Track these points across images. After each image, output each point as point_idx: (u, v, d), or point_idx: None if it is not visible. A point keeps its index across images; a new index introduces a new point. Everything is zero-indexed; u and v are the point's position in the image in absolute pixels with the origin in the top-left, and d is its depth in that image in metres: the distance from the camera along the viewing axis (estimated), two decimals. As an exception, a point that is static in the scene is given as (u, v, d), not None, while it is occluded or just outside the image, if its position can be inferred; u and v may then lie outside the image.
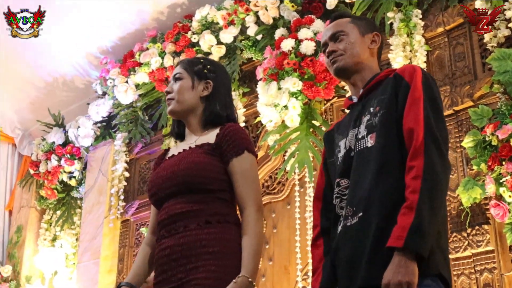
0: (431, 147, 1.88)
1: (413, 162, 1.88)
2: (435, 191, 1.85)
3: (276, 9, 4.45)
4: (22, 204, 6.23)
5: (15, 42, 5.57)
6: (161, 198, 2.30)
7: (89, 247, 5.29)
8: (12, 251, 6.07)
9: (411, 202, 1.82)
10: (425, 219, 1.79)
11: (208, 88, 2.42)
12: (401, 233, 1.78)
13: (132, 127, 5.36)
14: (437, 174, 1.86)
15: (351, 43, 2.19)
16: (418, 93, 1.98)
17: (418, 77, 2.02)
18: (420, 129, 1.91)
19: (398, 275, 1.75)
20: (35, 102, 6.21)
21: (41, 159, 5.92)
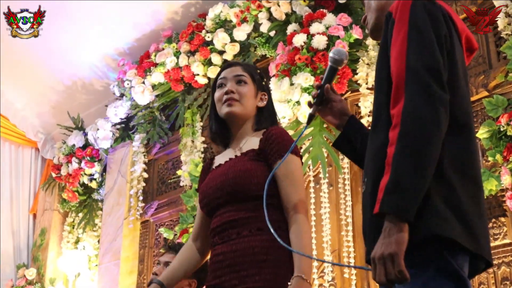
0: (413, 86, 1.56)
1: (393, 109, 1.58)
2: (416, 136, 1.51)
3: (288, 5, 4.41)
4: (46, 207, 6.28)
5: (36, 47, 5.66)
6: (213, 208, 2.29)
7: (110, 248, 5.31)
8: (36, 254, 6.12)
9: (388, 157, 1.53)
10: (403, 173, 1.49)
11: (263, 100, 2.40)
12: (379, 196, 1.51)
13: (150, 128, 5.37)
14: (418, 114, 1.52)
15: (371, 5, 1.98)
16: (402, 24, 1.66)
17: (404, 6, 1.69)
18: (401, 67, 1.60)
19: (382, 246, 1.48)
20: (56, 106, 6.27)
21: (62, 162, 5.96)
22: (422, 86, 1.56)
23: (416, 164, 1.50)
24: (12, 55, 5.84)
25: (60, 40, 5.67)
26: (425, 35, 1.64)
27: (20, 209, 6.37)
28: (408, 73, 1.58)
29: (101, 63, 5.83)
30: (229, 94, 2.32)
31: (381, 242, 1.50)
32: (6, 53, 5.83)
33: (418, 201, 1.50)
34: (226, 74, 2.39)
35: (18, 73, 6.07)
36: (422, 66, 1.58)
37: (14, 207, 6.33)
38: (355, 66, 3.99)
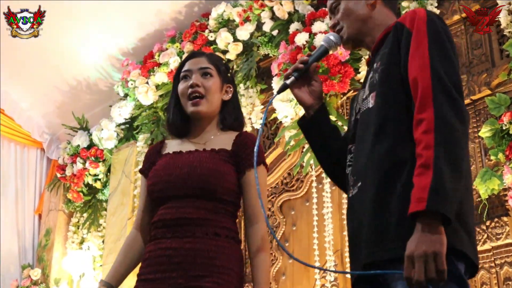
0: (441, 96, 1.63)
1: (422, 114, 1.63)
2: (452, 145, 1.59)
3: (290, 4, 4.40)
4: (51, 207, 6.28)
5: (40, 48, 5.67)
6: (168, 197, 2.18)
7: (114, 249, 5.29)
8: (41, 254, 6.13)
9: (426, 159, 1.57)
10: (446, 176, 1.54)
11: (228, 93, 2.34)
12: (421, 195, 1.53)
13: (153, 128, 5.36)
14: (452, 125, 1.60)
15: (346, 10, 2.00)
16: (421, 37, 1.73)
17: (420, 19, 1.77)
18: (427, 76, 1.67)
19: (423, 244, 1.50)
20: (61, 106, 6.27)
21: (67, 162, 5.97)
22: (451, 99, 1.64)
23: (455, 168, 1.58)
24: (17, 55, 5.85)
25: (64, 40, 5.68)
26: (446, 50, 1.74)
27: (26, 209, 6.37)
28: (436, 83, 1.66)
29: (106, 63, 5.83)
30: (194, 88, 2.24)
31: (420, 240, 1.51)
32: (11, 54, 5.84)
33: (457, 203, 1.57)
34: (190, 65, 2.30)
35: (22, 73, 6.08)
36: (449, 81, 1.67)
37: (20, 207, 6.33)
38: (357, 65, 3.97)
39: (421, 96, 1.65)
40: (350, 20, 1.99)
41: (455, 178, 1.57)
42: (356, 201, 1.77)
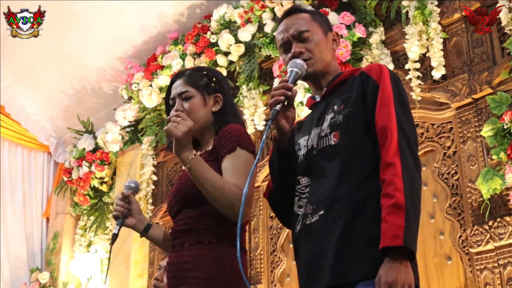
0: (405, 146, 1.85)
1: (391, 159, 1.83)
2: (415, 193, 1.81)
3: (291, 4, 4.37)
4: (58, 211, 6.32)
5: (46, 52, 5.69)
6: (173, 216, 2.31)
7: (121, 251, 5.31)
8: (50, 258, 6.16)
9: (397, 200, 1.76)
10: (412, 218, 1.76)
11: (219, 102, 2.36)
12: (397, 232, 1.72)
13: (158, 131, 5.36)
14: (413, 173, 1.83)
15: (318, 44, 2.06)
16: (388, 92, 1.93)
17: (386, 76, 1.97)
18: (394, 127, 1.86)
19: (402, 275, 1.71)
20: (67, 110, 6.29)
21: (73, 166, 5.99)
22: (411, 150, 1.87)
23: (417, 214, 1.81)
24: (22, 60, 5.88)
25: (69, 44, 5.70)
26: (407, 107, 1.97)
27: (33, 213, 6.41)
28: (401, 134, 1.86)
29: (110, 66, 5.84)
30: (177, 112, 2.24)
31: (399, 272, 1.71)
32: (16, 58, 5.87)
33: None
34: (173, 92, 2.37)
35: (28, 78, 6.11)
36: (411, 137, 1.90)
37: (27, 211, 6.37)
38: (358, 65, 3.95)
39: (391, 143, 1.84)
40: (320, 56, 2.07)
41: (417, 220, 1.79)
42: (317, 228, 1.88)
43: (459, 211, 3.44)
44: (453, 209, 3.47)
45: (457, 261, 3.39)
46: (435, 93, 3.67)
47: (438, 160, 3.62)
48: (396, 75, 2.05)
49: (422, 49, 3.72)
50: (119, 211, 2.34)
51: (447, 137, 3.63)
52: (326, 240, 1.83)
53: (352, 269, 1.76)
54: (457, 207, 3.46)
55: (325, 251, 1.82)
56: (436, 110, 3.70)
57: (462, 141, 3.48)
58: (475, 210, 3.30)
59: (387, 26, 4.05)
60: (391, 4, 3.96)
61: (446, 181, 3.55)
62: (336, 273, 1.78)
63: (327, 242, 1.82)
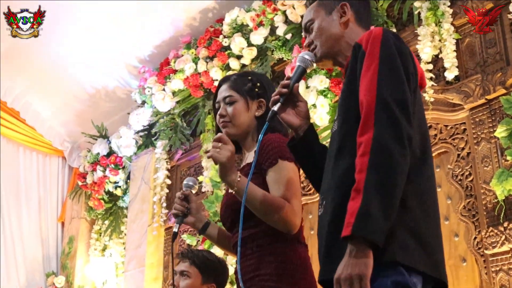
0: (382, 118, 1.64)
1: (361, 137, 1.64)
2: (385, 168, 1.59)
3: (303, 7, 4.38)
4: (73, 215, 6.35)
5: (60, 58, 5.73)
6: (228, 227, 2.38)
7: (135, 255, 5.34)
8: (65, 262, 6.20)
9: (358, 183, 1.59)
10: (374, 200, 1.55)
11: (262, 107, 2.39)
12: (349, 220, 1.56)
13: (171, 135, 5.38)
14: (387, 148, 1.60)
15: (319, 29, 2.02)
16: (372, 57, 1.74)
17: (375, 39, 1.78)
18: (371, 99, 1.67)
19: (348, 267, 1.54)
20: (81, 115, 6.33)
21: (88, 170, 6.03)
22: (392, 120, 1.64)
23: (386, 193, 1.57)
24: (37, 66, 5.93)
25: (82, 50, 5.73)
26: (395, 70, 1.72)
27: (49, 217, 6.45)
28: (379, 105, 1.65)
29: (123, 71, 5.88)
30: (222, 118, 2.38)
31: (346, 264, 1.55)
32: (30, 65, 5.92)
33: (387, 229, 1.56)
34: (218, 97, 2.44)
35: (42, 84, 6.16)
36: (393, 101, 1.66)
37: (43, 215, 6.42)
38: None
39: (364, 120, 1.67)
40: (322, 39, 2.00)
41: (385, 202, 1.56)
42: (320, 220, 1.82)
43: (473, 212, 3.42)
44: (467, 210, 3.45)
45: (472, 263, 3.37)
46: (448, 94, 3.65)
47: (452, 162, 3.60)
48: (390, 33, 1.82)
49: (435, 50, 3.70)
50: (178, 209, 2.37)
51: (460, 138, 3.61)
52: (323, 232, 1.76)
53: (332, 266, 1.63)
54: (471, 208, 3.44)
55: (322, 244, 1.76)
56: (449, 111, 3.68)
57: (476, 142, 3.46)
58: (489, 212, 3.28)
59: (399, 27, 4.04)
60: (403, 6, 3.95)
61: (460, 183, 3.53)
62: (325, 268, 1.71)
63: (324, 234, 1.75)
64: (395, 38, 1.81)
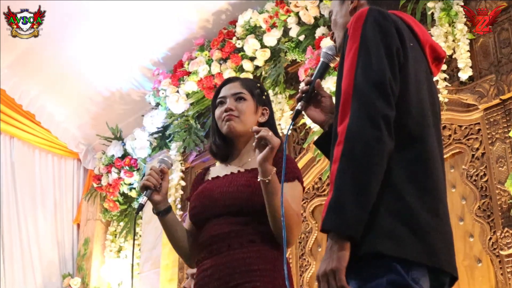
0: (357, 102, 1.56)
1: (339, 127, 1.57)
2: (357, 153, 1.50)
3: (316, 8, 4.39)
4: (88, 217, 6.39)
5: (74, 60, 5.77)
6: (204, 218, 2.25)
7: (150, 257, 5.36)
8: (81, 263, 6.23)
9: (331, 174, 1.54)
10: (346, 191, 1.48)
11: (265, 115, 2.40)
12: (322, 214, 1.51)
13: (185, 136, 5.40)
14: (359, 132, 1.52)
15: (334, 21, 1.99)
16: (354, 40, 1.66)
17: (358, 20, 1.69)
18: (349, 85, 1.59)
19: (324, 263, 1.49)
20: (95, 117, 6.37)
21: (102, 172, 6.06)
22: (366, 104, 1.55)
23: (357, 182, 1.50)
24: (51, 69, 5.97)
25: (98, 51, 5.77)
26: (373, 51, 1.62)
27: (64, 219, 6.48)
28: (355, 90, 1.58)
29: (137, 73, 5.90)
30: (228, 112, 2.31)
31: (323, 260, 1.50)
32: (45, 68, 5.96)
33: (362, 219, 1.49)
34: (225, 92, 2.38)
35: (57, 86, 6.20)
36: (368, 83, 1.57)
37: (58, 217, 6.45)
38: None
39: (342, 106, 1.60)
40: (338, 29, 1.97)
41: (359, 191, 1.49)
42: None
43: (488, 213, 3.41)
44: (482, 211, 3.45)
45: (487, 264, 3.37)
46: (462, 94, 3.65)
47: (467, 162, 3.59)
48: (376, 11, 1.71)
49: (449, 50, 3.69)
50: (152, 182, 2.22)
51: (475, 138, 3.60)
52: None
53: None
54: (486, 209, 3.43)
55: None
56: (463, 111, 3.67)
57: (490, 142, 3.45)
58: (504, 212, 3.27)
59: (412, 28, 4.03)
60: (416, 6, 3.94)
61: (475, 183, 3.52)
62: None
63: None
64: (379, 15, 1.70)
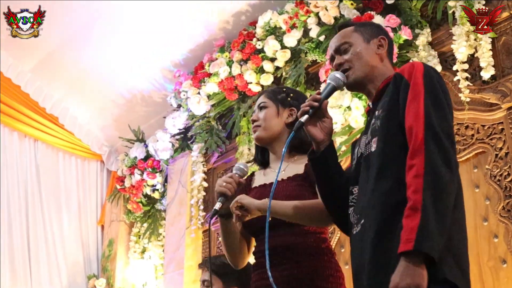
0: (432, 144, 1.78)
1: (413, 160, 1.78)
2: (439, 190, 1.73)
3: (336, 9, 4.37)
4: (112, 218, 6.44)
5: (95, 63, 5.82)
6: (259, 228, 2.34)
7: (173, 258, 5.39)
8: (105, 265, 6.29)
9: (414, 202, 1.72)
10: (432, 219, 1.69)
11: (292, 115, 2.51)
12: (409, 236, 1.68)
13: (207, 137, 5.42)
14: (439, 172, 1.75)
15: (357, 53, 2.12)
16: (418, 89, 1.88)
17: (417, 72, 1.92)
18: (420, 126, 1.81)
19: (407, 278, 1.65)
20: (118, 119, 6.42)
21: (126, 174, 6.10)
22: (442, 147, 1.79)
23: (441, 213, 1.72)
24: (73, 72, 6.03)
25: (117, 54, 5.81)
26: (440, 101, 1.89)
27: (89, 221, 6.54)
28: (427, 132, 1.80)
29: (158, 75, 5.93)
30: (253, 123, 2.55)
31: (404, 274, 1.65)
32: (67, 71, 6.02)
33: (442, 246, 1.70)
34: (255, 107, 2.60)
35: (80, 89, 6.26)
36: (441, 130, 1.82)
37: (83, 219, 6.51)
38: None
39: (414, 144, 1.79)
40: (360, 63, 2.10)
41: (441, 222, 1.70)
42: (359, 238, 1.91)
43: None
44: (507, 211, 3.42)
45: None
46: (485, 94, 3.62)
47: (490, 162, 3.56)
48: (431, 69, 1.99)
49: (470, 49, 3.67)
50: (229, 189, 2.31)
51: (498, 138, 3.57)
52: (365, 250, 1.84)
53: (385, 279, 1.72)
54: (511, 209, 3.41)
55: (364, 261, 1.84)
56: (486, 111, 3.64)
57: (514, 142, 3.43)
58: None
59: (433, 27, 4.01)
60: (437, 5, 3.92)
61: (498, 183, 3.49)
62: (371, 283, 1.80)
63: (365, 251, 1.84)
64: (436, 73, 1.97)
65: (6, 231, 5.84)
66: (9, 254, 5.80)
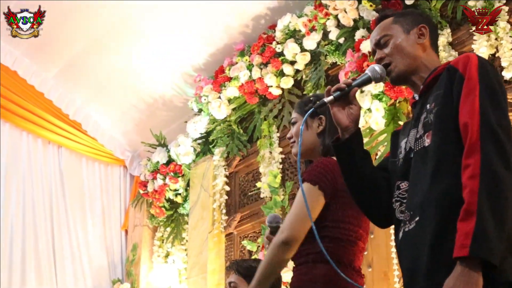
0: (488, 142, 1.70)
1: (468, 159, 1.70)
2: (496, 191, 1.66)
3: (355, 11, 4.36)
4: (136, 223, 6.49)
5: (116, 68, 5.87)
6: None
7: (197, 262, 5.41)
8: (130, 269, 6.33)
9: (469, 204, 1.65)
10: (489, 223, 1.62)
11: (322, 124, 2.52)
12: (464, 241, 1.62)
13: (228, 141, 5.44)
14: (496, 172, 1.67)
15: (397, 46, 2.04)
16: (473, 83, 1.80)
17: (472, 65, 1.84)
18: (475, 122, 1.73)
19: (460, 284, 1.60)
20: (139, 124, 6.46)
21: (148, 178, 6.14)
22: (499, 145, 1.71)
23: (499, 216, 1.65)
24: (95, 78, 6.09)
25: (139, 60, 5.86)
26: (496, 96, 1.81)
27: (112, 225, 6.60)
28: (484, 129, 1.72)
29: (179, 80, 5.96)
30: (290, 140, 2.61)
31: (458, 279, 1.61)
32: (89, 77, 6.08)
33: (501, 250, 1.64)
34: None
35: (102, 95, 6.32)
36: (498, 126, 1.73)
37: (107, 224, 6.57)
38: (426, 69, 3.89)
39: (470, 142, 1.72)
40: (401, 56, 2.03)
41: (498, 224, 1.63)
42: (414, 235, 1.83)
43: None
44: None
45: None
46: (507, 94, 3.57)
47: None
48: (486, 61, 1.91)
49: (491, 49, 3.63)
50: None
51: (521, 138, 3.53)
52: (422, 248, 1.78)
53: (443, 280, 1.67)
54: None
55: (421, 260, 1.78)
56: (509, 111, 3.60)
57: (537, 142, 3.38)
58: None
59: (453, 27, 3.97)
60: (457, 5, 3.89)
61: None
62: (430, 285, 1.74)
63: (423, 250, 1.78)
64: (490, 66, 1.89)
65: (32, 236, 5.92)
66: (35, 259, 5.87)
